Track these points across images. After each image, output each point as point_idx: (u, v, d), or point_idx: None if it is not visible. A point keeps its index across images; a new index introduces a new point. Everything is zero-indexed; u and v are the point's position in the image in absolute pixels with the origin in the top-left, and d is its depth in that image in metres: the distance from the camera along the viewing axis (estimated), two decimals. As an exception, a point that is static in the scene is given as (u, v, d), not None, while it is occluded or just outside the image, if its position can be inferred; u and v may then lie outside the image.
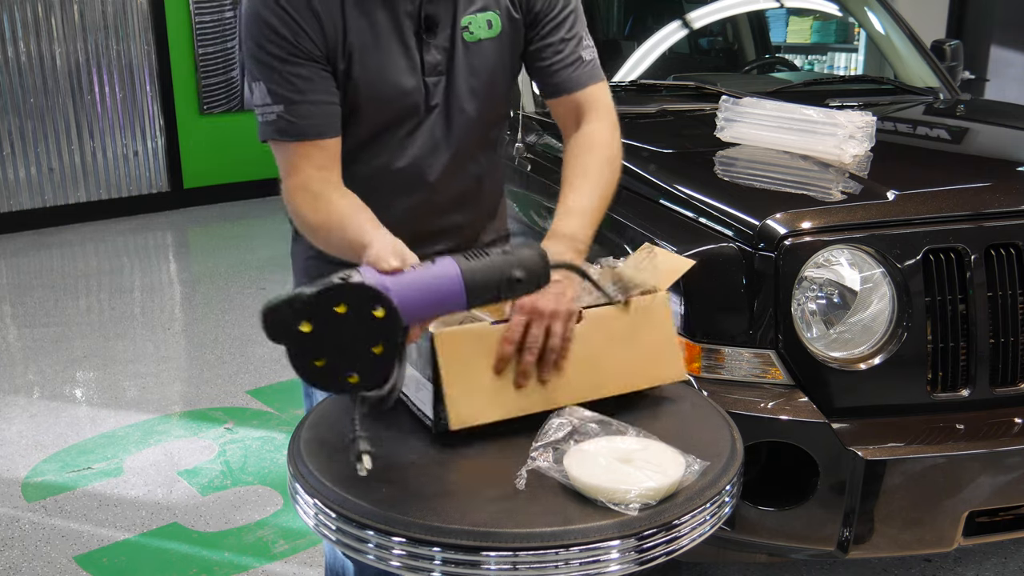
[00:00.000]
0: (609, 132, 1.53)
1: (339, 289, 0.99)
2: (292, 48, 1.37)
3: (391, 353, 1.01)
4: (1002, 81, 6.47)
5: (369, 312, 0.99)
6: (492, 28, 1.49)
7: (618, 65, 3.29)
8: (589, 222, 1.41)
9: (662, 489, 1.10)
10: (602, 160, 1.49)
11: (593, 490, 1.10)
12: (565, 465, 1.14)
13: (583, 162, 1.48)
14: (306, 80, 1.39)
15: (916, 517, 1.85)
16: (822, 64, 5.45)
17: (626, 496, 1.08)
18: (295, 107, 1.39)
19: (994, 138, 2.77)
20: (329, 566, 1.80)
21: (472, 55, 1.48)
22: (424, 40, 1.44)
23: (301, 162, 1.40)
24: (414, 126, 1.48)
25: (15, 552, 2.58)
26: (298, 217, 1.42)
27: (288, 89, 1.38)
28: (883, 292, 1.90)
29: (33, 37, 5.90)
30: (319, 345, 0.98)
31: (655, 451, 1.16)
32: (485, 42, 1.49)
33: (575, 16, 1.56)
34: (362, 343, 0.99)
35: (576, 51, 1.54)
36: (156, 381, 3.74)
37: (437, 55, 1.46)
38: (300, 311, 0.97)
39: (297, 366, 0.98)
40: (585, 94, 1.54)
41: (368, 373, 1.00)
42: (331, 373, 0.99)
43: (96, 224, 6.28)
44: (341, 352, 0.98)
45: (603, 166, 1.48)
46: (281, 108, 1.39)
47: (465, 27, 1.47)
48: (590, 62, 1.55)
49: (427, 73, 1.46)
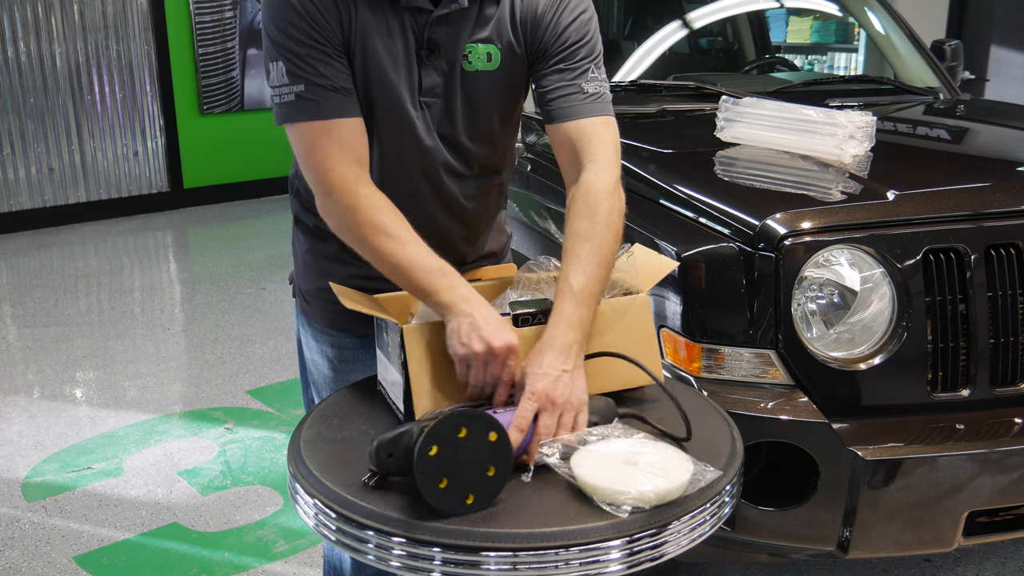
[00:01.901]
0: (609, 179, 1.42)
1: (461, 415, 1.10)
2: (315, 33, 1.37)
3: (502, 475, 1.11)
4: (1002, 81, 6.47)
5: (485, 436, 1.10)
6: (491, 61, 1.48)
7: (618, 65, 3.29)
8: (591, 303, 1.33)
9: (660, 494, 1.09)
10: (605, 226, 1.38)
11: (591, 489, 1.11)
12: (571, 463, 1.14)
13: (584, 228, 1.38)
14: (327, 66, 1.38)
15: (916, 517, 1.85)
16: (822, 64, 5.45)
17: (619, 498, 1.08)
18: (316, 89, 1.38)
19: (994, 138, 2.77)
20: (327, 559, 1.81)
21: (469, 83, 1.48)
22: (424, 61, 1.44)
23: (335, 150, 1.37)
24: (406, 141, 1.48)
25: (15, 552, 2.58)
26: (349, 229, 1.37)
27: (309, 72, 1.37)
28: (883, 292, 1.90)
29: (33, 37, 5.90)
30: (443, 467, 1.08)
31: (666, 456, 1.16)
32: (482, 73, 1.48)
33: (587, 49, 1.49)
34: (478, 466, 1.10)
35: (576, 82, 1.48)
36: (156, 381, 3.74)
37: (436, 77, 1.46)
38: (430, 435, 1.07)
39: (424, 487, 1.07)
40: (580, 126, 1.46)
41: (483, 493, 1.10)
42: (453, 493, 1.08)
43: (96, 224, 6.28)
44: (461, 474, 1.09)
45: (606, 232, 1.38)
46: (302, 88, 1.37)
47: (466, 55, 1.46)
48: (592, 95, 1.48)
49: (423, 94, 1.46)
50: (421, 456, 1.06)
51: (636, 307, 1.37)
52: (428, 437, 1.07)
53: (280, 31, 1.38)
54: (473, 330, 1.25)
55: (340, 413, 1.38)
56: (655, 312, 1.98)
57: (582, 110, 1.47)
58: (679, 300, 1.92)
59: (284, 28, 1.37)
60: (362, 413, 1.38)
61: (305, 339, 1.70)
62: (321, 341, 1.64)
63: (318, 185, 1.40)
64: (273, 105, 1.43)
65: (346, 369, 1.62)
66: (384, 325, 1.36)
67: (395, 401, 1.34)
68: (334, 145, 1.38)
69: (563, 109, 1.48)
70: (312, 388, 1.74)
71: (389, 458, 1.12)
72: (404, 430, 1.13)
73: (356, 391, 1.47)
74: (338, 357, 1.63)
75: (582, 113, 1.47)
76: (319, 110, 1.38)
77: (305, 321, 1.68)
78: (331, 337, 1.63)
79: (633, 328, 1.37)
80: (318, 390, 1.70)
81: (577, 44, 1.49)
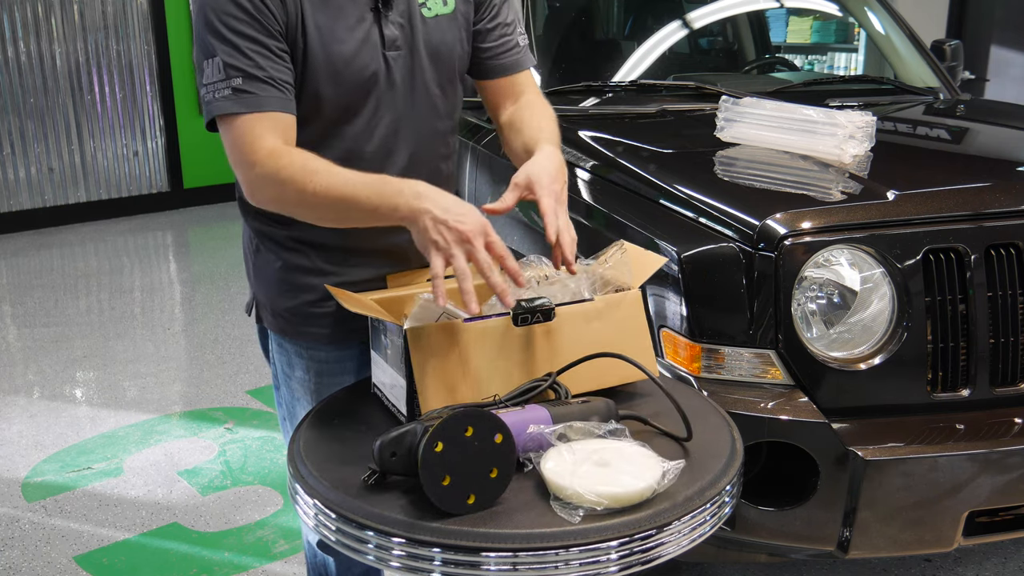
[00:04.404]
0: (545, 101, 1.64)
1: (469, 414, 1.10)
2: (254, 23, 1.35)
3: (505, 477, 1.11)
4: (1002, 81, 6.47)
5: (491, 437, 1.10)
6: (447, 5, 1.52)
7: (618, 65, 3.29)
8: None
9: (620, 496, 1.09)
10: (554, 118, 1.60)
11: (555, 488, 1.11)
12: (540, 460, 1.14)
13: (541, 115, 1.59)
14: (266, 58, 1.36)
15: (916, 517, 1.85)
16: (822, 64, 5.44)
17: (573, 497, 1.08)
18: (255, 81, 1.35)
19: (994, 138, 2.77)
20: (311, 564, 1.79)
21: (431, 31, 1.50)
22: (382, 14, 1.45)
23: (266, 133, 1.36)
24: (377, 104, 1.47)
25: (15, 552, 2.58)
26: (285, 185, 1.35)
27: (248, 64, 1.35)
28: (883, 292, 1.90)
29: (33, 37, 5.90)
30: (447, 465, 1.08)
31: (636, 457, 1.15)
32: (442, 18, 1.51)
33: (510, 1, 1.63)
34: (482, 466, 1.10)
35: (514, 36, 1.62)
36: (156, 381, 3.74)
37: (395, 30, 1.46)
38: (436, 431, 1.07)
39: (428, 483, 1.07)
40: (524, 76, 1.64)
41: (484, 494, 1.10)
42: (455, 492, 1.08)
43: (96, 224, 6.28)
44: (464, 473, 1.08)
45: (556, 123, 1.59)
46: (240, 80, 1.34)
47: (423, 3, 1.49)
48: (525, 47, 1.65)
49: (387, 47, 1.46)
50: (426, 452, 1.06)
51: (628, 303, 1.39)
52: (435, 433, 1.07)
53: (219, 21, 1.35)
54: (437, 223, 1.25)
55: (340, 413, 1.38)
56: (655, 312, 1.99)
57: (526, 62, 1.65)
58: (679, 300, 1.92)
59: (223, 19, 1.35)
60: (362, 413, 1.38)
61: (283, 358, 1.62)
62: (304, 357, 1.59)
63: (244, 163, 1.37)
64: (203, 104, 1.39)
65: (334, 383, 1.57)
66: (383, 327, 1.36)
67: (395, 403, 1.34)
68: (267, 131, 1.36)
69: (515, 64, 1.63)
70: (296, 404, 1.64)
71: (392, 457, 1.12)
72: (407, 429, 1.13)
73: (356, 391, 1.47)
74: (319, 371, 1.59)
75: (525, 65, 1.65)
76: (257, 102, 1.35)
77: (283, 340, 1.60)
78: (312, 351, 1.58)
79: (626, 324, 1.38)
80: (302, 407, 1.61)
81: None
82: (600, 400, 1.28)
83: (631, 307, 1.39)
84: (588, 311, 1.36)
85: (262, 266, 1.59)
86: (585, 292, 1.40)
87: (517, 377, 1.31)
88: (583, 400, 1.27)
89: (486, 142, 2.90)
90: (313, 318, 1.55)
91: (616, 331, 1.37)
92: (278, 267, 1.56)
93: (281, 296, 1.57)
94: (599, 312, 1.36)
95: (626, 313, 1.38)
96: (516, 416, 1.19)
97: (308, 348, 1.58)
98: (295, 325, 1.57)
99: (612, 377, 1.37)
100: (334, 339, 1.56)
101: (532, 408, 1.22)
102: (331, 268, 1.52)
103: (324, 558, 1.72)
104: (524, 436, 1.18)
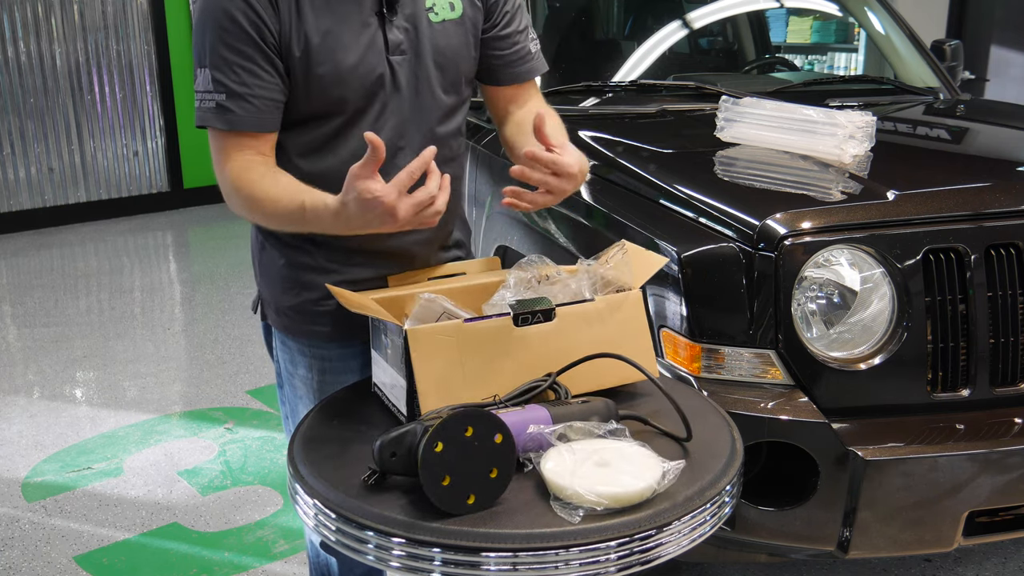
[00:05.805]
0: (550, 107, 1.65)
1: (469, 414, 1.10)
2: (246, 39, 1.38)
3: (504, 478, 1.11)
4: (1002, 81, 6.47)
5: (491, 437, 1.10)
6: (455, 10, 1.52)
7: (618, 65, 3.29)
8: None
9: (620, 496, 1.09)
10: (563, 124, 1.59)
11: (555, 488, 1.11)
12: (541, 460, 1.14)
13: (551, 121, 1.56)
14: (253, 75, 1.39)
15: (916, 517, 1.85)
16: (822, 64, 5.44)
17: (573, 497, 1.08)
18: (237, 100, 1.40)
19: (994, 138, 2.77)
20: (313, 564, 1.79)
21: (437, 35, 1.50)
22: (386, 18, 1.45)
23: (237, 151, 1.43)
24: (382, 108, 1.48)
25: (15, 552, 2.58)
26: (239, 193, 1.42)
27: (234, 81, 1.39)
28: (883, 292, 1.90)
29: (33, 37, 5.90)
30: (448, 464, 1.08)
31: (636, 457, 1.15)
32: (448, 23, 1.51)
33: (522, 7, 1.63)
34: (482, 466, 1.10)
35: (527, 43, 1.63)
36: (156, 381, 3.74)
37: (399, 34, 1.46)
38: (436, 431, 1.07)
39: (427, 483, 1.07)
40: (533, 82, 1.67)
41: (484, 494, 1.10)
42: (455, 492, 1.09)
43: (96, 224, 6.28)
44: (464, 473, 1.09)
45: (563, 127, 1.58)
46: (223, 97, 1.40)
47: (430, 8, 1.49)
48: (537, 52, 1.66)
49: (391, 52, 1.46)
50: (427, 452, 1.06)
51: (629, 303, 1.39)
52: (435, 433, 1.07)
53: (214, 35, 1.38)
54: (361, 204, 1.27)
55: (340, 413, 1.38)
56: (655, 312, 1.99)
57: (539, 68, 1.66)
58: (679, 300, 1.92)
59: (218, 34, 1.38)
60: (362, 413, 1.38)
61: (286, 356, 1.64)
62: (307, 355, 1.60)
63: (218, 174, 1.45)
64: (196, 106, 1.45)
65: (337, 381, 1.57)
66: (383, 327, 1.36)
67: (395, 403, 1.34)
68: (241, 149, 1.43)
69: (529, 71, 1.64)
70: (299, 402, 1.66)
71: (392, 457, 1.12)
72: (407, 429, 1.13)
73: (356, 391, 1.47)
74: (322, 369, 1.59)
75: (538, 71, 1.67)
76: (237, 120, 1.41)
77: (287, 338, 1.62)
78: (315, 349, 1.59)
79: (627, 324, 1.38)
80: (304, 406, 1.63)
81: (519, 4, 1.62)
82: (600, 400, 1.28)
83: (632, 308, 1.39)
84: (589, 311, 1.36)
85: (267, 263, 1.61)
86: (586, 292, 1.39)
87: (517, 377, 1.31)
88: (583, 400, 1.27)
89: (486, 142, 2.90)
90: (316, 316, 1.55)
91: (617, 331, 1.37)
92: (282, 264, 1.57)
93: (285, 293, 1.58)
94: (600, 312, 1.36)
95: (627, 314, 1.38)
96: (516, 416, 1.19)
97: (311, 346, 1.59)
98: (298, 323, 1.58)
99: (612, 377, 1.37)
100: (337, 337, 1.56)
101: (532, 408, 1.22)
102: (334, 266, 1.53)
103: (327, 558, 1.73)
104: (524, 436, 1.17)
